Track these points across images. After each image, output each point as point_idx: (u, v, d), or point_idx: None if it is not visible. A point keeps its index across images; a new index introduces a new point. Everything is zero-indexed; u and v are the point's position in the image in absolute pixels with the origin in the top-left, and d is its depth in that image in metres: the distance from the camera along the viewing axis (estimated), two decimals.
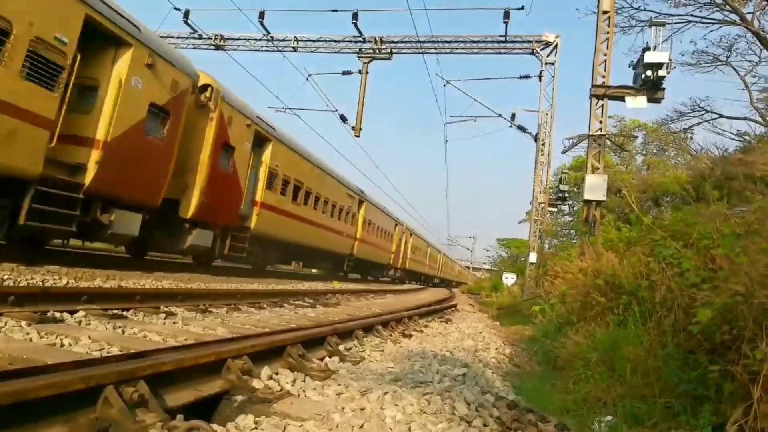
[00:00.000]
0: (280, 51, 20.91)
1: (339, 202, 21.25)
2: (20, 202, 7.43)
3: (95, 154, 8.46)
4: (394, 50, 20.38)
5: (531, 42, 19.67)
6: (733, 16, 18.25)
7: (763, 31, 18.19)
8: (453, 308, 13.34)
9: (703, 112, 22.52)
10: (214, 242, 12.54)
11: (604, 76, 11.88)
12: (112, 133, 8.61)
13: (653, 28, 11.58)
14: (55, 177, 7.84)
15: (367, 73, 20.26)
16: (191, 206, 11.20)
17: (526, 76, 20.75)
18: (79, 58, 7.91)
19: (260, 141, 14.18)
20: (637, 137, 30.58)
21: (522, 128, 21.30)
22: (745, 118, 21.98)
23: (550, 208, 25.00)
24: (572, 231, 30.63)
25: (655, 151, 30.34)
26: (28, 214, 7.42)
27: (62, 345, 3.45)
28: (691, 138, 24.58)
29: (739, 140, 20.94)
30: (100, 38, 8.41)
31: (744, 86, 20.98)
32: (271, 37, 20.94)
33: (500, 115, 21.54)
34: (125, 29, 8.69)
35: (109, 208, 9.01)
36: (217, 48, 21.66)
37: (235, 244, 13.59)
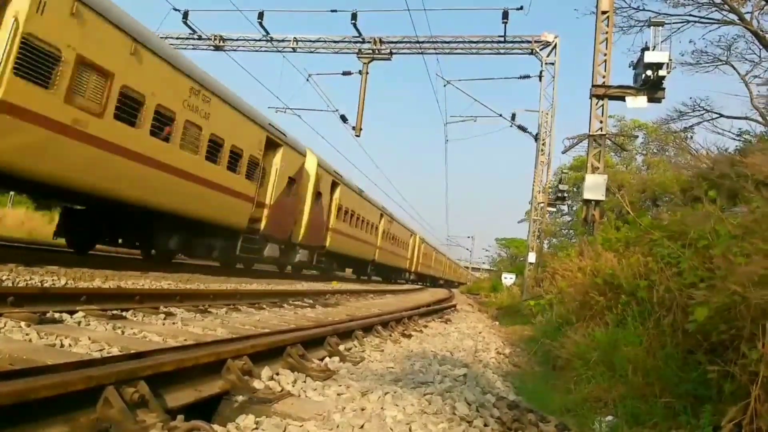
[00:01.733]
0: (279, 51, 20.93)
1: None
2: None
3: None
4: (394, 50, 20.40)
5: (530, 42, 19.69)
6: (732, 16, 18.27)
7: (762, 31, 18.22)
8: (452, 308, 13.34)
9: (704, 111, 22.54)
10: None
11: (604, 76, 11.90)
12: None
13: (652, 28, 11.60)
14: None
15: (367, 73, 20.27)
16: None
17: (526, 76, 20.77)
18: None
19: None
20: (637, 137, 30.62)
21: (522, 128, 21.31)
22: (746, 118, 22.00)
23: (550, 208, 25.03)
24: (571, 231, 30.64)
25: (655, 150, 30.36)
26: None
27: (62, 345, 3.45)
28: (692, 138, 24.59)
29: (739, 140, 20.96)
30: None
31: (744, 86, 21.01)
32: (271, 38, 20.95)
33: (500, 115, 21.57)
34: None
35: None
36: (217, 48, 21.66)
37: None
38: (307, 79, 21.01)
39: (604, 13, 12.17)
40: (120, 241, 12.04)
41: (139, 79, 9.29)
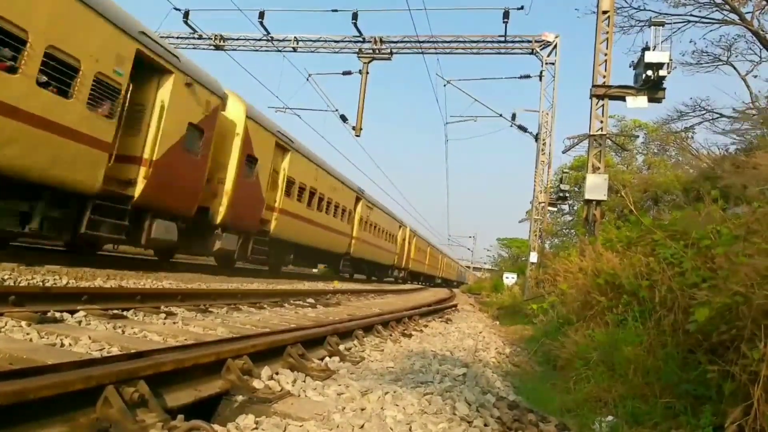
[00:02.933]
0: (280, 51, 20.93)
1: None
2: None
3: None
4: (394, 50, 20.38)
5: (531, 42, 19.67)
6: (733, 16, 18.24)
7: (763, 31, 18.19)
8: (453, 308, 13.34)
9: (704, 111, 22.50)
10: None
11: (604, 76, 11.88)
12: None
13: (653, 27, 11.58)
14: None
15: (367, 73, 20.26)
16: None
17: (527, 76, 20.76)
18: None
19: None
20: (637, 137, 30.57)
21: (522, 128, 21.29)
22: (746, 118, 21.93)
23: (551, 208, 25.01)
24: (572, 230, 30.62)
25: (655, 150, 30.33)
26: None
27: (62, 345, 3.46)
28: (692, 138, 24.55)
29: (739, 140, 20.91)
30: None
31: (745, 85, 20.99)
32: (271, 37, 20.95)
33: (501, 115, 21.55)
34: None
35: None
36: (217, 48, 21.66)
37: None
38: (307, 79, 21.01)
39: (604, 12, 12.15)
40: None
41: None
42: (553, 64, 19.79)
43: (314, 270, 29.17)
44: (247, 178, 13.16)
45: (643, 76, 11.15)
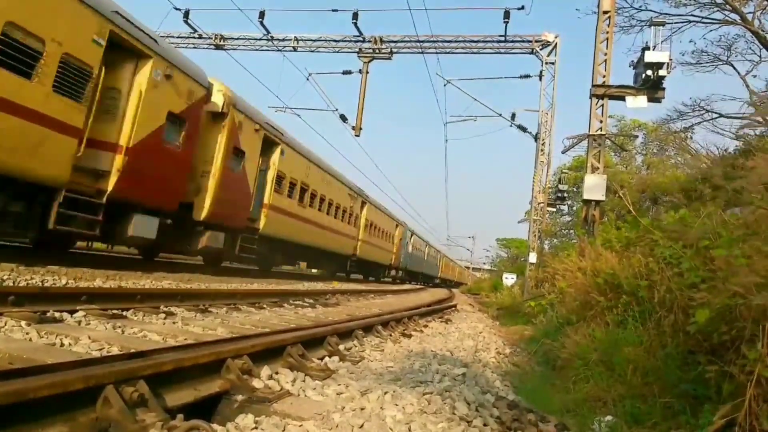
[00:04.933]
0: (280, 51, 20.93)
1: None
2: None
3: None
4: (394, 50, 20.38)
5: (531, 42, 19.68)
6: (734, 16, 18.25)
7: (763, 31, 18.19)
8: (453, 308, 13.34)
9: (703, 111, 22.51)
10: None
11: (604, 76, 11.89)
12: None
13: (653, 27, 11.58)
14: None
15: (367, 72, 20.26)
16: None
17: (527, 76, 20.77)
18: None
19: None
20: (637, 137, 30.59)
21: (522, 128, 21.31)
22: (745, 118, 21.97)
23: (550, 208, 25.04)
24: (571, 231, 30.62)
25: (655, 150, 30.35)
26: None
27: (62, 345, 3.46)
28: (691, 138, 24.57)
29: (739, 140, 20.94)
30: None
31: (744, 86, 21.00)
32: (271, 37, 20.94)
33: (500, 115, 21.56)
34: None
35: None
36: (217, 48, 21.67)
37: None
38: (308, 79, 21.01)
39: (605, 13, 12.15)
40: None
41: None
42: (553, 63, 19.80)
43: (313, 270, 29.11)
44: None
45: (643, 75, 11.16)
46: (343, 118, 21.00)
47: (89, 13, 8.06)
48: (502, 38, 19.48)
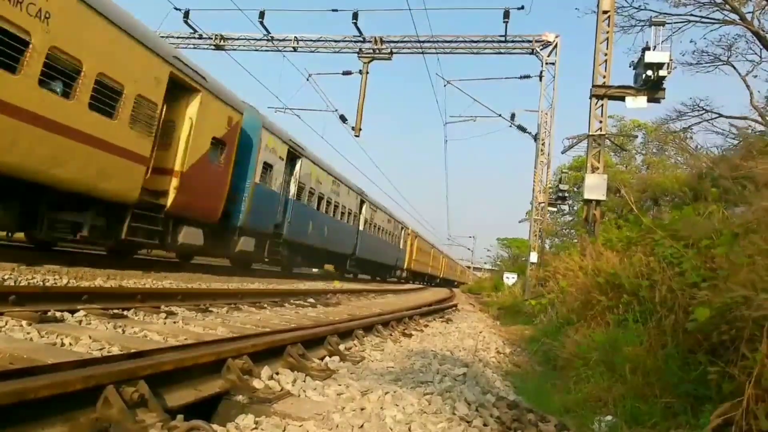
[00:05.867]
0: (280, 51, 20.92)
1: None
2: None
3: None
4: (394, 50, 20.37)
5: (531, 42, 19.65)
6: (733, 16, 18.24)
7: (763, 31, 18.19)
8: (453, 308, 13.34)
9: (703, 111, 22.51)
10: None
11: (604, 76, 11.88)
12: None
13: (653, 27, 11.58)
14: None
15: (367, 73, 20.25)
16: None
17: (527, 76, 20.74)
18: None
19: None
20: (636, 137, 30.58)
21: (522, 128, 21.29)
22: (745, 118, 21.96)
23: (550, 208, 25.03)
24: (572, 231, 30.61)
25: (654, 150, 30.35)
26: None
27: (62, 345, 3.46)
28: (691, 138, 24.56)
29: (739, 140, 20.91)
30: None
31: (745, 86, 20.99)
32: (272, 37, 20.94)
33: (500, 115, 21.55)
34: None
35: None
36: (217, 48, 21.66)
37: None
38: (308, 79, 21.01)
39: (605, 12, 12.15)
40: None
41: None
42: (553, 64, 19.78)
43: (314, 270, 29.24)
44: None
45: (643, 76, 11.16)
46: (343, 118, 21.00)
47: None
48: (502, 38, 19.47)
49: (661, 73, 10.98)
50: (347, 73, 21.14)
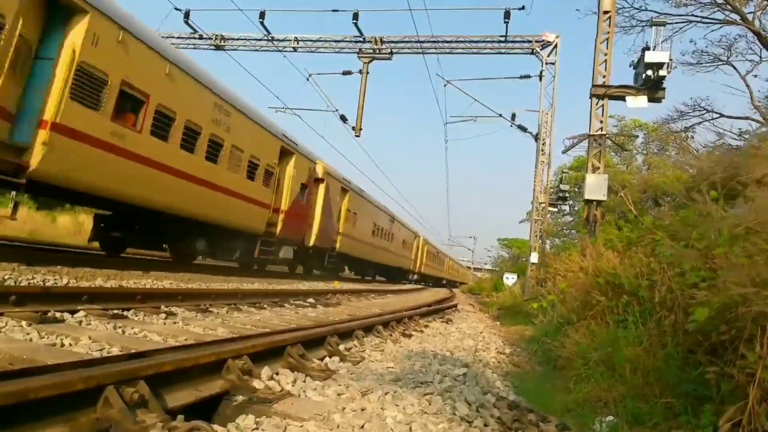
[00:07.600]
0: (280, 51, 20.91)
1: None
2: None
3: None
4: (394, 50, 20.37)
5: (531, 42, 19.65)
6: (734, 16, 18.24)
7: (764, 31, 18.18)
8: (453, 308, 13.33)
9: (704, 111, 22.51)
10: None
11: (604, 76, 11.88)
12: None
13: (654, 27, 11.56)
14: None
15: (367, 73, 20.25)
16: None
17: (527, 76, 20.72)
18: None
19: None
20: (637, 137, 30.58)
21: (522, 128, 21.28)
22: (746, 118, 21.96)
23: (551, 208, 25.00)
24: (573, 231, 30.60)
25: (655, 150, 30.34)
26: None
27: (62, 345, 3.45)
28: (692, 137, 24.56)
29: (740, 140, 20.91)
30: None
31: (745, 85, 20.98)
32: (272, 37, 20.94)
33: (500, 115, 21.53)
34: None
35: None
36: (218, 48, 21.65)
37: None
38: (308, 79, 21.02)
39: (605, 13, 12.14)
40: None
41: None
42: (553, 64, 19.77)
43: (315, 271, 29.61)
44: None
45: (643, 75, 11.14)
46: (343, 118, 21.00)
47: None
48: (503, 38, 19.47)
49: (661, 72, 10.96)
50: (347, 73, 21.14)
